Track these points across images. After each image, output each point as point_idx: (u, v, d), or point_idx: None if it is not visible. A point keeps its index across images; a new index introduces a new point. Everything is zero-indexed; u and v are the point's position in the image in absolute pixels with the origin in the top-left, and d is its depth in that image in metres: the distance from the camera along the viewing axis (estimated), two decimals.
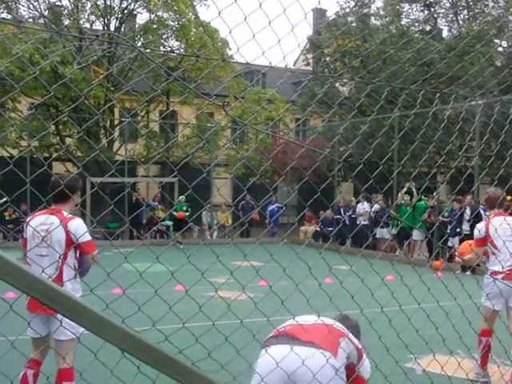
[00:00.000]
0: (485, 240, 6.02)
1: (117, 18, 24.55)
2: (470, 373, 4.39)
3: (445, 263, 14.06)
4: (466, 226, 15.57)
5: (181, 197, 21.07)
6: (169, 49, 24.88)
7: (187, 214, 20.13)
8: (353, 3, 29.79)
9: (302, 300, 3.39)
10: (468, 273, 14.03)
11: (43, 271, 3.83)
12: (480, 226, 6.18)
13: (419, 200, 17.65)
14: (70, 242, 4.70)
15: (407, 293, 3.84)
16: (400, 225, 17.68)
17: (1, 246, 16.77)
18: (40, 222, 4.78)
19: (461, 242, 15.61)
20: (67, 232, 4.70)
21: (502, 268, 5.64)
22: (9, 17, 22.81)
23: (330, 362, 3.30)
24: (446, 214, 16.62)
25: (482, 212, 15.36)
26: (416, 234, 18.76)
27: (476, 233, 6.21)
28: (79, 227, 4.77)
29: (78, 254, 4.84)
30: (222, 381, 1.82)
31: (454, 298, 4.16)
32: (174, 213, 20.66)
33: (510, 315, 5.88)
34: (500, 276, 5.64)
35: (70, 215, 4.82)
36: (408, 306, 4.20)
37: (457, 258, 6.96)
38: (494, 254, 5.98)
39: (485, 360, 5.75)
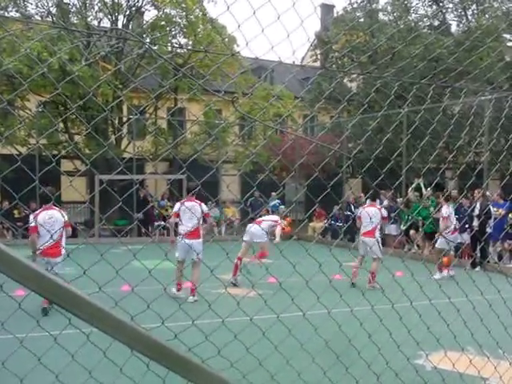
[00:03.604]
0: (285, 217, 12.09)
1: (124, 16, 24.54)
2: (482, 370, 4.35)
3: (455, 260, 14.01)
4: (475, 222, 15.46)
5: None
6: (177, 45, 24.88)
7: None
8: None
9: (312, 297, 3.37)
10: (478, 269, 13.97)
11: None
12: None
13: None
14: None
15: (418, 289, 3.81)
16: (410, 221, 17.64)
17: (10, 244, 16.83)
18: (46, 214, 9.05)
19: (471, 238, 15.54)
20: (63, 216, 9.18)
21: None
22: (17, 15, 22.85)
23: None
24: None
25: (491, 208, 15.25)
26: (391, 229, 18.87)
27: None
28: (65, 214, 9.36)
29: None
30: (231, 379, 1.80)
31: (466, 294, 4.12)
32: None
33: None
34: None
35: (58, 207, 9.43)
36: (419, 303, 4.17)
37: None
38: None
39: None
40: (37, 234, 8.99)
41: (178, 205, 10.11)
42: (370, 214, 11.52)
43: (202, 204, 10.12)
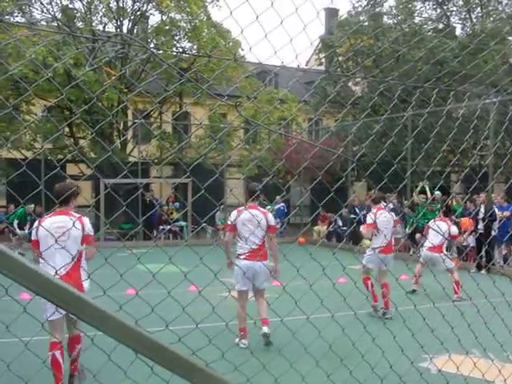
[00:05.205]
0: (373, 225, 9.05)
1: (129, 20, 24.61)
2: (487, 373, 4.34)
3: (459, 263, 13.98)
4: (480, 225, 15.41)
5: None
6: (181, 50, 24.90)
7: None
8: (365, 2, 29.66)
9: (315, 300, 3.38)
10: (483, 272, 13.94)
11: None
12: (370, 215, 9.18)
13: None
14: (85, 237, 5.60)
15: (422, 292, 3.81)
16: (414, 224, 17.59)
17: (15, 248, 16.88)
18: (53, 221, 5.56)
19: (476, 241, 15.50)
20: (82, 227, 5.58)
21: (380, 244, 8.71)
22: (22, 20, 22.94)
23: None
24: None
25: (496, 210, 15.21)
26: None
27: (368, 219, 9.15)
28: (88, 223, 5.76)
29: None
30: (235, 382, 1.81)
31: (470, 297, 4.12)
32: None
33: (380, 275, 8.22)
34: (378, 249, 8.62)
35: (78, 214, 5.76)
36: (423, 306, 4.17)
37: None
38: (375, 235, 9.03)
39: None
40: (39, 251, 5.43)
41: (234, 214, 7.46)
42: (439, 228, 11.08)
43: (268, 213, 7.57)
